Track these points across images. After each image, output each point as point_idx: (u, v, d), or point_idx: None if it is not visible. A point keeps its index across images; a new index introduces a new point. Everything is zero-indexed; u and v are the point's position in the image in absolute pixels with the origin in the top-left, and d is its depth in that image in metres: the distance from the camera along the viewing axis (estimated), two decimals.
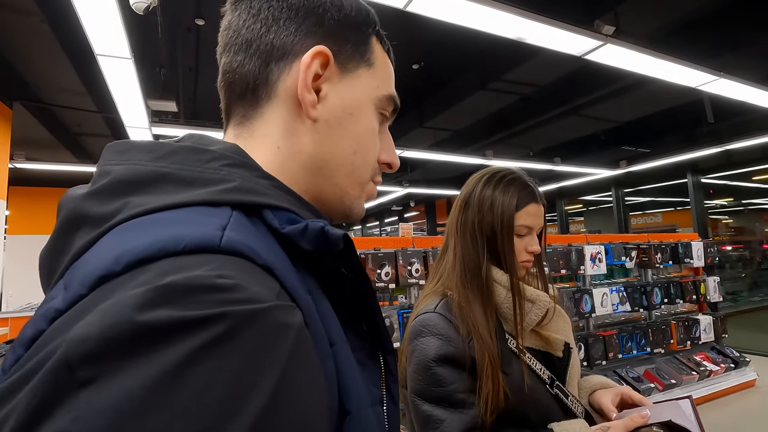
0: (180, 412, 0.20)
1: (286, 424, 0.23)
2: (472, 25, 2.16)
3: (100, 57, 2.37)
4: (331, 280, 0.36)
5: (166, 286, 0.23)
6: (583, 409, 0.88)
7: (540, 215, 0.93)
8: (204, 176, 0.34)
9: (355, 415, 0.32)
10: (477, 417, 0.80)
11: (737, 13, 3.13)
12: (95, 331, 0.21)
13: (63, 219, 0.34)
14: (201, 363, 0.21)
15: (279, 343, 0.25)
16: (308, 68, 0.40)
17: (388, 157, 0.48)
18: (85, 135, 5.24)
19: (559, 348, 0.90)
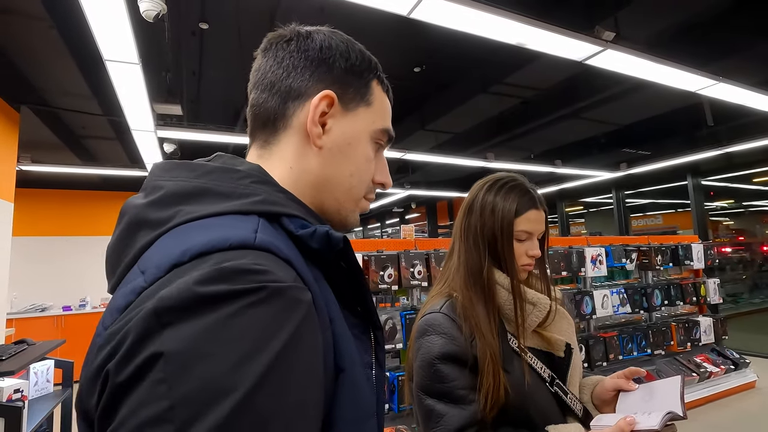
0: (225, 345, 0.32)
1: (293, 363, 0.34)
2: (473, 31, 2.19)
3: (109, 62, 2.41)
4: (332, 272, 0.46)
5: (221, 269, 0.35)
6: (581, 407, 0.91)
7: (540, 221, 0.96)
8: (237, 191, 0.45)
9: (348, 371, 0.42)
10: (476, 413, 0.84)
11: (736, 17, 3.16)
12: (174, 295, 0.33)
13: (126, 222, 0.45)
14: (243, 316, 0.33)
15: (295, 310, 0.36)
16: (316, 108, 0.52)
17: (381, 178, 0.60)
18: (90, 137, 5.27)
19: (561, 348, 0.94)
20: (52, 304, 6.02)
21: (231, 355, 0.31)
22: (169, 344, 0.31)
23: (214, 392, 0.30)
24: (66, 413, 2.54)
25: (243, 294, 0.34)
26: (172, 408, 0.29)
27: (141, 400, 0.30)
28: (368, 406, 0.45)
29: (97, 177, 6.16)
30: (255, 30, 3.55)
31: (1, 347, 2.42)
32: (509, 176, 1.00)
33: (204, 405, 0.30)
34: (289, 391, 0.33)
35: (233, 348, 0.32)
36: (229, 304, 0.33)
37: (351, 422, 0.42)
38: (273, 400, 0.32)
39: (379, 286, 2.78)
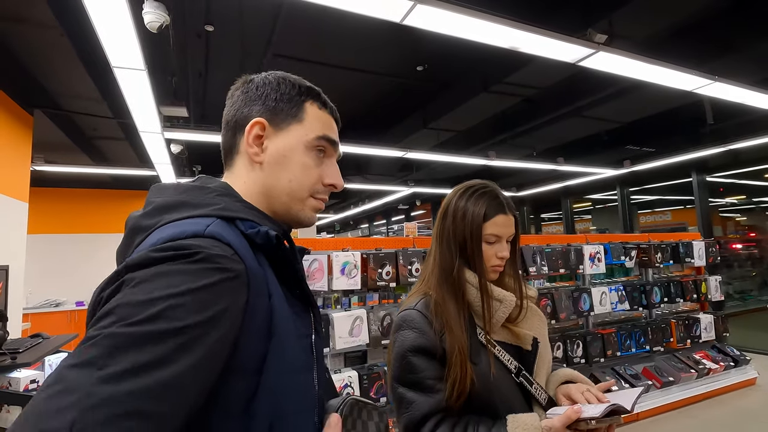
0: (162, 279, 0.48)
1: (204, 302, 0.48)
2: (466, 36, 2.25)
3: (116, 69, 2.52)
4: (276, 263, 0.61)
5: (169, 245, 0.51)
6: (546, 397, 0.98)
7: (509, 225, 1.03)
8: (204, 202, 0.61)
9: (277, 336, 0.56)
10: (442, 401, 0.92)
11: (732, 17, 3.16)
12: (136, 259, 0.50)
13: (129, 230, 0.61)
14: (177, 266, 0.49)
15: (218, 270, 0.51)
16: (249, 133, 0.67)
17: (331, 180, 0.71)
18: (100, 139, 5.42)
19: (528, 342, 1.01)
20: (65, 299, 6.21)
21: (164, 287, 0.47)
22: (131, 276, 0.49)
23: (138, 305, 0.46)
24: None
25: (179, 258, 0.49)
26: (114, 309, 0.46)
27: (119, 301, 0.46)
28: (301, 364, 0.60)
29: (108, 176, 6.32)
30: (258, 31, 3.64)
31: (19, 340, 2.55)
32: (481, 183, 1.07)
33: (129, 309, 0.45)
34: (196, 314, 0.47)
35: (166, 283, 0.47)
36: (167, 262, 0.49)
37: (281, 373, 0.55)
38: (184, 315, 0.46)
39: (378, 283, 2.86)
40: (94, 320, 0.46)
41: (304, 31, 3.57)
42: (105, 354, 0.42)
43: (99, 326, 0.44)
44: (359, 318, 2.74)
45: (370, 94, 4.91)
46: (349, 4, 1.94)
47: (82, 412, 0.38)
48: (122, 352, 0.42)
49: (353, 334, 2.70)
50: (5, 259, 3.23)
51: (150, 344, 0.43)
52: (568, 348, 3.51)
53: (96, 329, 0.44)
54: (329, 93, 0.75)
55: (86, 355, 0.42)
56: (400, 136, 5.83)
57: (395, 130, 5.91)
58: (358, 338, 2.71)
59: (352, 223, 17.26)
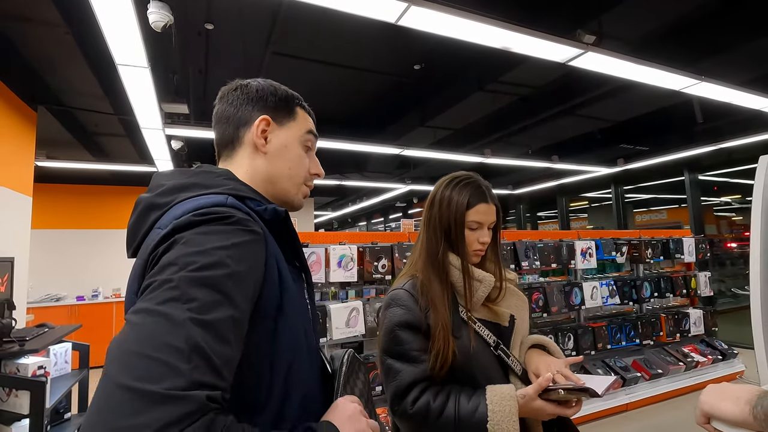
0: (209, 237, 0.58)
1: (242, 255, 0.59)
2: (459, 36, 2.33)
3: (120, 66, 2.59)
4: (280, 238, 0.71)
5: (206, 212, 0.62)
6: (521, 368, 1.08)
7: (490, 213, 1.12)
8: (215, 183, 0.71)
9: (289, 290, 0.68)
10: (426, 371, 1.02)
11: (722, 18, 3.25)
12: (183, 221, 0.60)
13: (142, 208, 0.70)
14: (217, 227, 0.60)
15: (248, 231, 0.62)
16: (257, 127, 0.79)
17: (315, 170, 0.86)
18: (102, 135, 5.49)
19: (506, 319, 1.11)
20: (66, 294, 6.27)
21: (212, 241, 0.58)
22: (182, 238, 0.58)
23: (201, 253, 0.56)
24: (83, 392, 2.75)
25: (218, 220, 0.60)
26: (178, 258, 0.56)
27: (166, 257, 0.57)
28: (303, 315, 0.72)
29: (108, 172, 6.39)
30: (258, 29, 3.72)
31: (26, 330, 2.63)
32: (466, 174, 1.17)
33: (194, 257, 0.56)
34: (238, 264, 0.58)
35: (213, 239, 0.58)
36: (210, 223, 0.60)
37: (293, 316, 0.68)
38: (236, 265, 0.57)
39: (373, 275, 2.94)
40: (157, 270, 0.56)
41: (302, 29, 3.64)
42: (184, 293, 0.51)
43: (166, 273, 0.54)
44: (355, 309, 2.83)
45: (367, 92, 4.99)
46: (345, 5, 2.02)
47: (189, 331, 0.49)
48: (197, 290, 0.52)
49: (350, 325, 2.79)
50: (11, 252, 3.30)
51: (215, 285, 0.54)
52: (560, 340, 3.61)
53: (165, 275, 0.54)
54: (328, 90, 0.87)
55: (168, 295, 0.52)
56: (397, 134, 5.91)
57: (392, 128, 5.99)
58: (354, 329, 2.80)
59: (350, 220, 17.33)
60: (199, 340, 0.49)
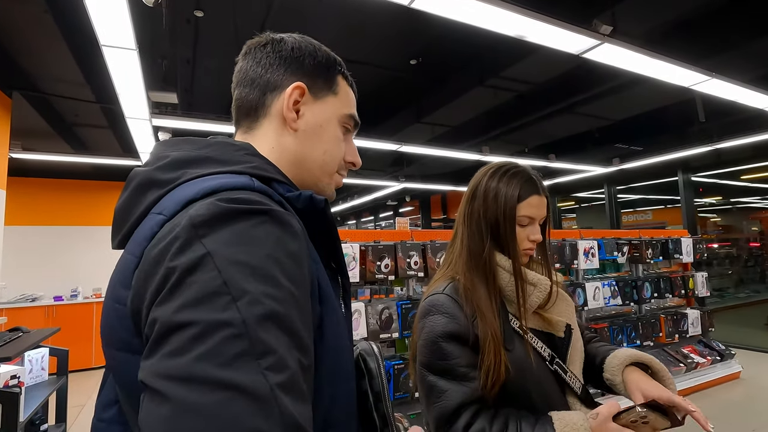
0: (252, 246, 0.42)
1: (292, 264, 0.44)
2: (474, 22, 2.20)
3: (105, 48, 2.38)
4: (313, 231, 0.55)
5: (237, 197, 0.45)
6: (581, 385, 0.94)
7: (542, 206, 0.98)
8: (234, 159, 0.55)
9: (330, 300, 0.53)
10: (476, 390, 0.86)
11: (731, 14, 3.20)
12: (204, 212, 0.43)
13: (136, 184, 0.53)
14: (259, 228, 0.44)
15: (291, 231, 0.47)
16: (290, 96, 0.62)
17: (351, 158, 0.70)
18: (82, 125, 5.20)
19: (561, 329, 0.97)
20: (42, 294, 5.95)
21: (259, 252, 0.42)
22: (211, 246, 0.41)
23: (253, 274, 0.41)
24: (61, 401, 2.54)
25: (257, 213, 0.45)
26: (225, 284, 0.39)
27: (199, 283, 0.39)
28: (344, 328, 0.57)
29: (89, 166, 6.08)
30: (250, 19, 3.52)
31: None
32: (512, 163, 1.03)
33: (249, 281, 0.40)
34: (294, 281, 0.44)
35: (259, 248, 0.43)
36: (248, 219, 0.44)
37: (335, 337, 0.53)
38: (290, 284, 0.43)
39: (376, 276, 2.80)
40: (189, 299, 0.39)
41: (297, 20, 3.47)
42: (255, 342, 0.37)
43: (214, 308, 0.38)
44: (357, 311, 2.68)
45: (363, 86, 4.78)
46: None
47: (283, 408, 0.36)
48: (266, 334, 0.38)
49: None
50: None
51: (284, 322, 0.40)
52: None
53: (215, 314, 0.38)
54: None
55: (233, 348, 0.36)
56: (393, 130, 5.78)
57: (388, 124, 5.85)
58: (356, 332, 2.65)
59: (339, 219, 17.16)
60: (297, 418, 0.37)
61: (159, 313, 0.39)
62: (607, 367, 0.98)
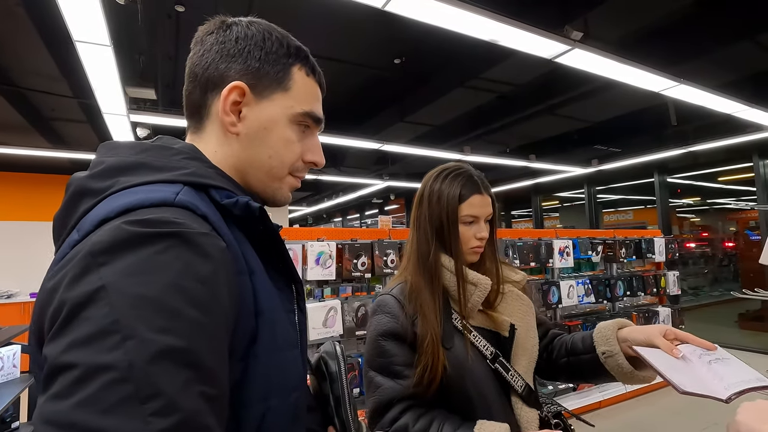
0: (155, 275, 0.39)
1: (195, 288, 0.41)
2: (447, 26, 2.25)
3: (79, 43, 2.37)
4: (256, 237, 0.54)
5: (145, 219, 0.42)
6: (524, 384, 0.96)
7: (485, 205, 1.01)
8: (169, 165, 0.52)
9: (267, 313, 0.50)
10: (409, 387, 0.90)
11: (700, 22, 3.31)
12: (104, 238, 0.40)
13: (72, 192, 0.51)
14: (165, 254, 0.40)
15: (205, 251, 0.43)
16: (226, 98, 0.57)
17: (312, 158, 0.64)
18: (60, 120, 5.12)
19: (505, 328, 1.00)
20: (18, 290, 5.85)
21: (159, 282, 0.39)
22: (108, 277, 0.38)
23: (150, 307, 0.37)
24: (34, 399, 2.52)
25: (164, 236, 0.41)
26: (117, 321, 0.36)
27: (89, 320, 0.36)
28: (289, 340, 0.54)
29: (68, 161, 5.98)
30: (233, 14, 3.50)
31: None
32: (455, 165, 1.06)
33: (142, 317, 0.37)
34: (203, 309, 0.40)
35: (160, 277, 0.39)
36: (153, 244, 0.40)
37: (272, 351, 0.50)
38: (197, 313, 0.40)
39: (352, 273, 2.83)
40: (79, 337, 0.36)
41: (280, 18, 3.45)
42: (142, 384, 0.34)
43: (100, 349, 0.35)
44: (333, 309, 2.71)
45: (346, 84, 4.84)
46: None
47: None
48: (158, 372, 0.35)
49: (327, 325, 2.68)
50: None
51: (181, 355, 0.37)
52: None
53: (99, 356, 0.35)
54: None
55: (114, 394, 0.33)
56: (376, 129, 5.80)
57: (371, 123, 5.87)
58: (332, 329, 2.69)
59: (325, 216, 17.11)
60: None
61: (48, 351, 0.37)
62: (600, 341, 0.95)
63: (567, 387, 3.63)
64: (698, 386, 0.72)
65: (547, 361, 1.09)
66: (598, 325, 1.00)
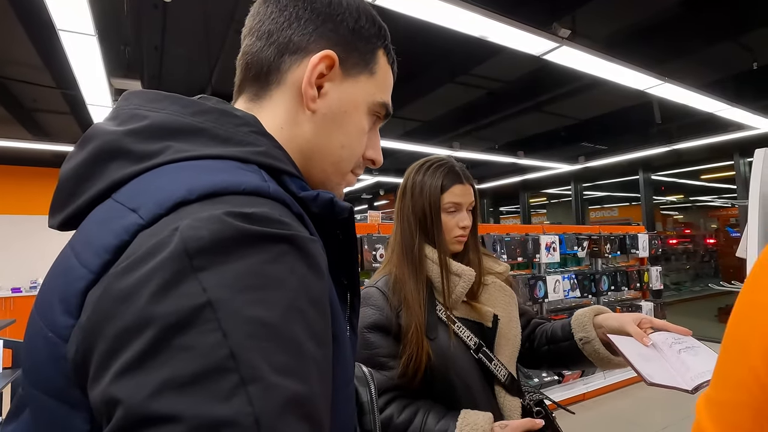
0: (270, 291, 0.30)
1: (312, 312, 0.33)
2: (437, 21, 2.25)
3: (62, 32, 2.32)
4: (327, 240, 0.43)
5: (252, 214, 0.32)
6: (507, 373, 0.98)
7: (467, 194, 1.03)
8: (236, 137, 0.41)
9: (340, 339, 0.41)
10: (394, 379, 0.92)
11: (686, 22, 3.37)
12: (206, 233, 0.30)
13: (96, 149, 0.39)
14: (278, 263, 0.32)
15: (320, 264, 0.35)
16: (315, 67, 0.47)
17: (373, 155, 0.56)
18: (42, 111, 5.01)
19: (489, 318, 1.01)
20: (0, 285, 5.74)
21: (279, 303, 0.30)
22: (215, 291, 0.28)
23: (272, 338, 0.29)
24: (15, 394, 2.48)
25: (277, 239, 0.32)
26: (233, 356, 0.27)
27: (192, 351, 0.27)
28: (351, 369, 0.47)
29: (51, 153, 5.85)
30: (220, 6, 3.46)
31: None
32: (436, 158, 1.08)
33: (264, 351, 0.28)
34: (318, 340, 0.33)
35: (279, 296, 0.31)
36: (265, 248, 0.31)
37: (342, 384, 0.42)
38: (314, 346, 0.32)
39: None
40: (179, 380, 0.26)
41: None
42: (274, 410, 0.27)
43: (210, 393, 0.26)
44: None
45: None
46: None
47: None
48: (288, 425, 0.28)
49: None
50: None
51: (310, 414, 0.30)
52: None
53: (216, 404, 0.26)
54: None
55: None
56: None
57: None
58: None
59: None
60: None
61: (124, 393, 0.26)
62: (577, 328, 0.99)
63: (552, 379, 3.70)
64: (665, 378, 0.74)
65: (529, 349, 1.11)
66: (576, 312, 1.03)
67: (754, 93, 4.10)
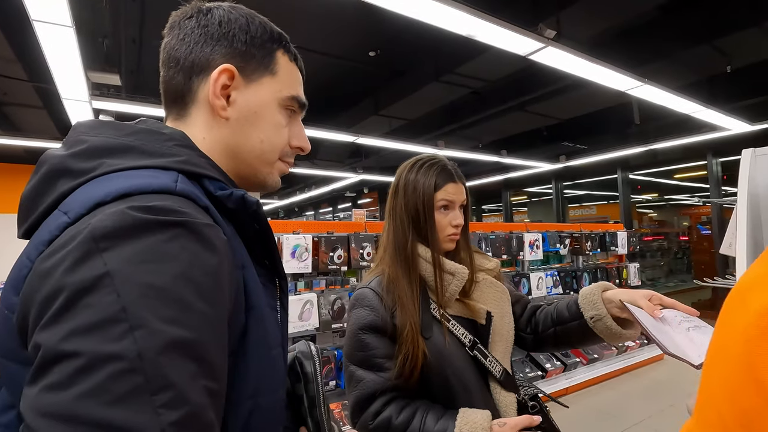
0: (162, 263, 0.38)
1: (203, 279, 0.40)
2: (425, 19, 2.25)
3: (37, 23, 2.22)
4: (245, 230, 0.53)
5: (151, 206, 0.40)
6: (501, 369, 0.99)
7: (459, 192, 1.03)
8: (161, 150, 0.50)
9: (256, 308, 0.50)
10: (391, 380, 0.91)
11: (662, 25, 3.47)
12: (108, 223, 0.38)
13: (47, 171, 0.48)
14: (173, 242, 0.39)
15: (212, 243, 0.43)
16: (216, 81, 0.55)
17: (298, 143, 0.63)
18: (12, 105, 4.80)
19: (482, 316, 1.01)
20: None
21: (169, 272, 0.38)
22: (114, 264, 0.36)
23: (159, 297, 0.36)
24: None
25: (171, 225, 0.40)
26: (124, 310, 0.35)
27: (93, 307, 0.35)
28: (274, 337, 0.53)
29: (22, 149, 5.62)
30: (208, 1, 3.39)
31: None
32: (429, 156, 1.08)
33: (151, 307, 0.36)
34: (209, 301, 0.40)
35: (169, 267, 0.38)
36: (160, 232, 0.39)
37: (261, 348, 0.50)
38: (204, 305, 0.39)
39: (329, 266, 2.82)
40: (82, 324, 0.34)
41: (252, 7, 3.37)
42: (153, 375, 0.34)
43: (105, 337, 0.34)
44: (309, 302, 2.69)
45: (321, 76, 4.79)
46: None
47: None
48: (169, 364, 0.35)
49: (303, 318, 2.66)
50: None
51: (190, 347, 0.37)
52: None
53: (106, 345, 0.33)
54: None
55: (124, 385, 0.33)
56: (351, 122, 5.77)
57: (346, 115, 5.84)
58: (308, 322, 2.67)
59: (297, 210, 16.90)
60: None
61: (44, 338, 0.35)
62: (587, 306, 0.98)
63: (536, 375, 3.76)
64: (677, 349, 0.76)
65: (533, 334, 1.11)
66: (581, 291, 1.02)
67: (728, 95, 4.26)
